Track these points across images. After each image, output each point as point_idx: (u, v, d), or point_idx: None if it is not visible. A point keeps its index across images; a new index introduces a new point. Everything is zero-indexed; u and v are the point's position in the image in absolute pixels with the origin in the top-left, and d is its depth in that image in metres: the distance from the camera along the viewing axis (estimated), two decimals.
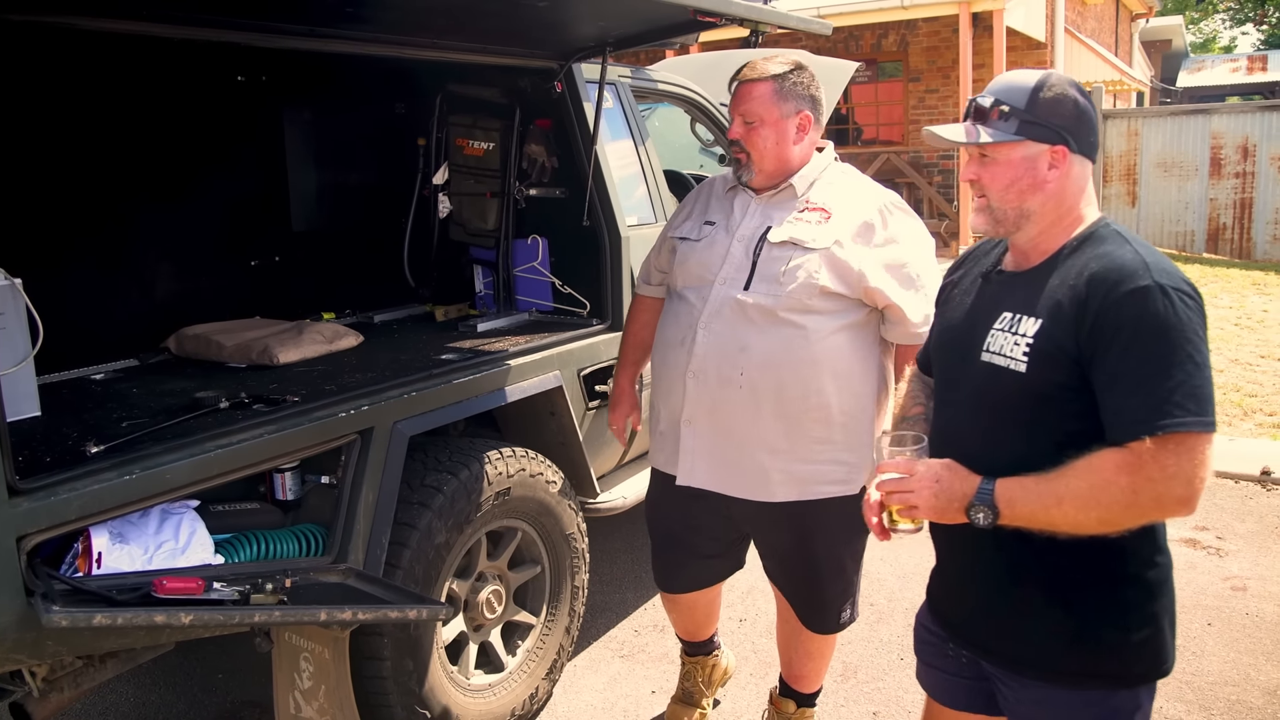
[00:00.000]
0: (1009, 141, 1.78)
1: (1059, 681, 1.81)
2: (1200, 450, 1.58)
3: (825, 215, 2.58)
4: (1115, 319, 1.63)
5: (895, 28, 14.47)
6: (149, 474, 2.15)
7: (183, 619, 2.08)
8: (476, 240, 3.92)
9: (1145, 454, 1.58)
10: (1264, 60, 24.62)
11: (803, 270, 2.53)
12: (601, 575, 4.28)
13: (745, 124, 2.62)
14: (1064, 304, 1.70)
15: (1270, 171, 13.50)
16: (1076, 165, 1.79)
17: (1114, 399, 1.63)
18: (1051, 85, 1.78)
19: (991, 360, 1.80)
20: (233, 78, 3.62)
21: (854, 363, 2.60)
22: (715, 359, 2.60)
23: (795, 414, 2.58)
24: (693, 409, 2.67)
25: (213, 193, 3.57)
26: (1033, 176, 1.78)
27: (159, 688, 3.51)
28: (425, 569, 2.78)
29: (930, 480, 1.76)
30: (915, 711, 3.28)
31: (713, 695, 3.28)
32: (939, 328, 2.05)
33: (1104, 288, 1.66)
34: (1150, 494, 1.59)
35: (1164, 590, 1.79)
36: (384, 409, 2.66)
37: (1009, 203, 1.80)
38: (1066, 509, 1.64)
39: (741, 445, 2.63)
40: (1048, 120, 1.76)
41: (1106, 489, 1.60)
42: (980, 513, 1.71)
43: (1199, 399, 1.58)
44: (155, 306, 3.43)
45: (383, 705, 2.75)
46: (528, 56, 3.56)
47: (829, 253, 2.52)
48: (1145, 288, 1.62)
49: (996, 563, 1.84)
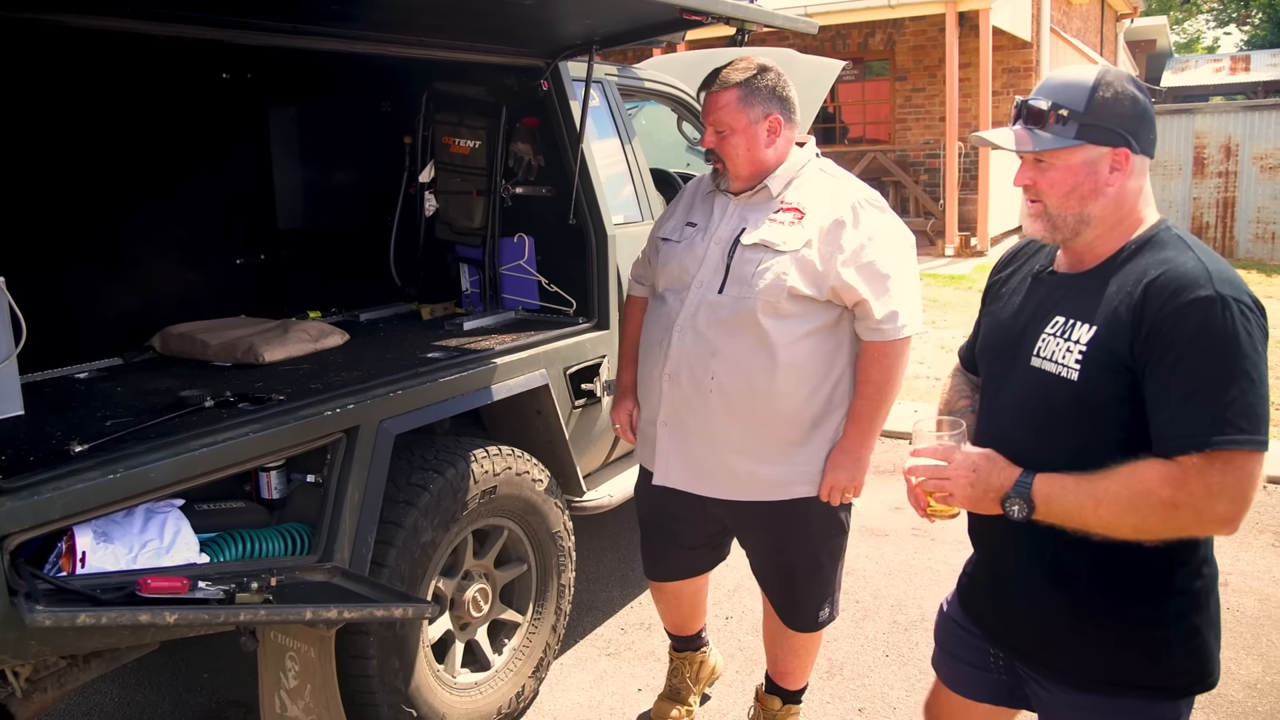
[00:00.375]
0: (1070, 146, 1.71)
1: (1100, 690, 1.79)
2: (1249, 469, 1.53)
3: (799, 215, 2.58)
4: (1173, 329, 1.57)
5: (882, 27, 14.50)
6: (133, 473, 2.14)
7: (167, 618, 2.07)
8: (463, 238, 3.92)
9: (1191, 469, 1.54)
10: (1247, 61, 24.76)
11: (771, 272, 2.53)
12: (588, 573, 4.28)
13: (716, 134, 2.63)
14: (1121, 312, 1.65)
15: (1252, 171, 13.60)
16: (1138, 166, 1.72)
17: (1165, 411, 1.58)
18: (1110, 83, 1.70)
19: (1042, 366, 1.75)
20: (218, 75, 3.60)
21: (824, 366, 2.61)
22: (688, 363, 2.62)
23: (764, 417, 2.60)
24: (668, 411, 2.70)
25: (198, 191, 3.56)
26: (1094, 181, 1.71)
27: (143, 688, 3.50)
28: (411, 567, 2.77)
29: (967, 469, 1.74)
30: (901, 708, 3.30)
31: (700, 693, 3.29)
32: (986, 326, 2.00)
33: (1163, 296, 1.60)
34: (1191, 509, 1.55)
35: (1209, 602, 1.76)
36: (370, 407, 2.66)
37: (1068, 209, 1.74)
38: (1103, 512, 1.61)
39: (713, 448, 2.66)
40: (1108, 121, 1.69)
41: (1146, 499, 1.57)
42: (1015, 505, 1.69)
43: (1253, 417, 1.53)
44: (140, 305, 3.42)
45: (369, 704, 2.74)
46: (514, 55, 3.55)
47: (799, 254, 2.53)
48: (1207, 298, 1.56)
49: (1041, 567, 1.81)
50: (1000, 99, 13.92)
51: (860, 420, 2.63)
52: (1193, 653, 1.75)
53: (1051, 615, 1.83)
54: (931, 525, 4.75)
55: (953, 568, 4.29)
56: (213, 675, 3.55)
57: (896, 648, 3.67)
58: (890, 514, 4.94)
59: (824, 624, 2.88)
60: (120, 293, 3.38)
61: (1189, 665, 1.76)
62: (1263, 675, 3.40)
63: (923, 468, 1.80)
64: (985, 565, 2.01)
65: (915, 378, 7.47)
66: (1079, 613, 1.79)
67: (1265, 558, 4.31)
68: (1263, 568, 4.21)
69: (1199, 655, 1.76)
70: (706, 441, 2.66)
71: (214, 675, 3.55)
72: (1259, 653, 3.55)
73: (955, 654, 2.10)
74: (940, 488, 1.77)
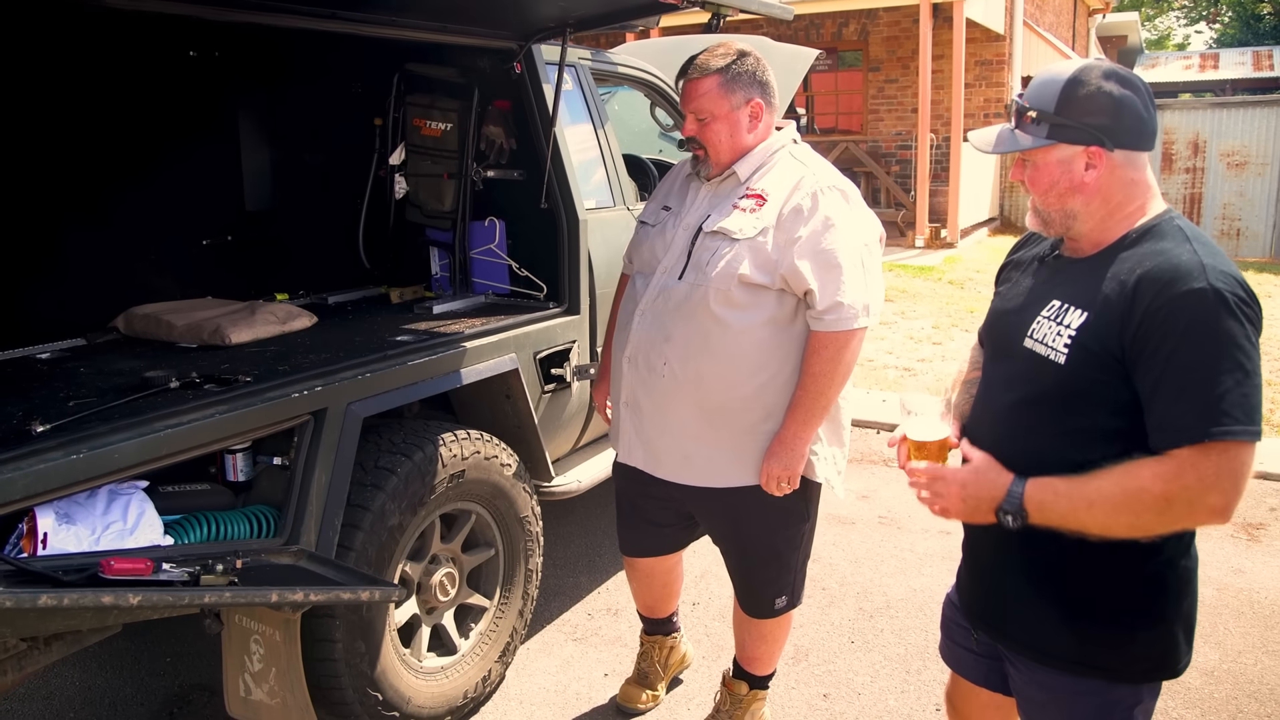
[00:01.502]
0: (1044, 146, 1.74)
1: (1061, 668, 1.82)
2: (1242, 460, 1.54)
3: (760, 202, 2.56)
4: (1165, 321, 1.58)
5: (856, 17, 14.52)
6: (96, 454, 2.12)
7: (131, 600, 2.05)
8: (433, 222, 3.89)
9: (1185, 462, 1.55)
10: (1216, 58, 25.00)
11: (724, 260, 2.53)
12: (555, 558, 4.28)
13: (698, 121, 2.61)
14: (1113, 300, 1.66)
15: (1219, 167, 13.80)
16: (1119, 162, 1.72)
17: (1159, 404, 1.59)
18: (1085, 81, 1.71)
19: (1034, 348, 1.77)
20: (185, 53, 3.55)
21: (778, 358, 2.59)
22: (645, 346, 2.65)
23: (716, 405, 2.61)
24: (628, 393, 2.74)
25: (163, 170, 3.51)
26: (1069, 179, 1.74)
27: (105, 671, 3.47)
28: (378, 551, 2.76)
29: (957, 487, 1.77)
30: (865, 694, 3.33)
31: (668, 679, 3.30)
32: (993, 306, 2.01)
33: (1155, 288, 1.60)
34: (1184, 501, 1.56)
35: (1183, 592, 1.78)
36: (338, 390, 2.64)
37: (1051, 205, 1.78)
38: (1096, 513, 1.63)
39: (667, 432, 2.69)
40: (1080, 120, 1.70)
41: (1140, 496, 1.58)
42: (1009, 516, 1.71)
43: (1246, 407, 1.53)
44: (104, 285, 3.37)
45: (334, 688, 2.73)
46: (487, 36, 3.53)
47: (753, 242, 2.52)
48: (1199, 290, 1.57)
49: (1015, 550, 1.83)
50: (973, 91, 14.00)
51: (797, 410, 2.59)
52: (1157, 640, 1.77)
53: (1022, 593, 1.87)
54: (898, 514, 4.80)
55: (918, 556, 4.34)
56: (175, 659, 3.53)
57: (861, 634, 3.70)
58: (857, 502, 4.97)
59: (780, 612, 2.89)
60: (83, 273, 3.33)
61: (1152, 652, 1.78)
62: (1220, 663, 3.46)
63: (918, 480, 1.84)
64: (967, 546, 2.05)
65: (884, 367, 7.52)
66: (1048, 593, 1.82)
67: (1224, 548, 4.38)
68: (1221, 558, 4.28)
69: (1163, 643, 1.78)
70: (660, 426, 2.69)
71: (177, 659, 3.53)
72: (1216, 640, 3.61)
73: (954, 639, 2.14)
74: (935, 503, 1.81)
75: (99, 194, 3.35)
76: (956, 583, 2.13)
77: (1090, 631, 1.79)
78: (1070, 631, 1.80)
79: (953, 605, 2.14)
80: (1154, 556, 1.73)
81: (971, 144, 1.88)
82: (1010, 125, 1.81)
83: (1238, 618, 3.78)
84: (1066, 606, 1.80)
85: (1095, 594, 1.78)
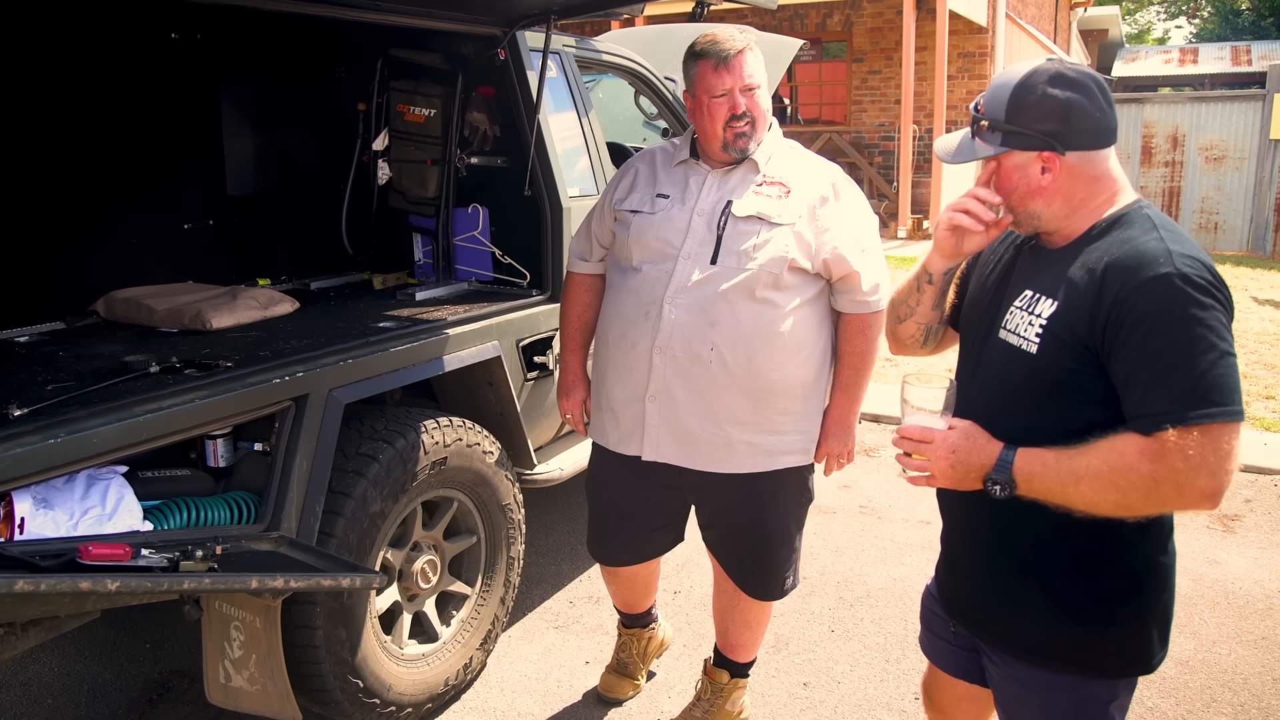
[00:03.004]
0: (998, 154, 1.76)
1: (1037, 663, 1.83)
2: (1226, 441, 1.53)
3: (785, 190, 2.60)
4: (1134, 309, 1.58)
5: (840, 8, 14.54)
6: (74, 438, 2.10)
7: (109, 586, 2.04)
8: (416, 208, 3.88)
9: (1170, 444, 1.53)
10: (1195, 53, 25.17)
11: (773, 245, 2.55)
12: (537, 546, 4.28)
13: (748, 90, 2.58)
14: (1081, 288, 1.67)
15: (1198, 161, 13.89)
16: (1074, 163, 1.72)
17: (1136, 391, 1.59)
18: (1033, 87, 1.71)
19: (1006, 338, 1.79)
20: (166, 35, 3.52)
21: (814, 336, 2.66)
22: (683, 334, 2.59)
23: (764, 388, 2.60)
24: (658, 385, 2.65)
25: (144, 153, 3.48)
26: (1027, 184, 1.75)
27: (84, 658, 3.45)
28: (360, 538, 2.76)
29: (946, 451, 1.73)
30: (845, 682, 3.35)
31: (647, 667, 3.31)
32: (969, 293, 2.01)
33: (1122, 275, 1.61)
34: (1172, 483, 1.54)
35: (1160, 588, 1.78)
36: (319, 376, 2.63)
37: (1015, 207, 1.79)
38: (1084, 489, 1.61)
39: (710, 419, 2.63)
40: (1030, 127, 1.71)
41: (1127, 474, 1.57)
42: (997, 485, 1.69)
43: (1223, 388, 1.53)
44: (83, 269, 3.34)
45: (315, 675, 2.73)
46: (471, 22, 3.51)
47: (795, 228, 2.56)
48: (1164, 275, 1.57)
49: (992, 541, 1.85)
50: (955, 83, 14.04)
51: (849, 389, 2.72)
52: (1132, 636, 1.78)
53: (997, 587, 1.87)
54: (878, 503, 4.83)
55: (898, 545, 4.36)
56: (155, 645, 3.51)
57: (842, 623, 3.72)
58: (838, 491, 4.99)
59: (788, 592, 2.91)
60: (63, 256, 3.30)
61: (1127, 648, 1.79)
62: (1194, 653, 3.50)
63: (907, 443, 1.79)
64: (946, 536, 2.05)
65: None
66: (1022, 587, 1.82)
67: (1200, 539, 4.43)
68: (1197, 549, 4.32)
69: (1138, 640, 1.78)
70: (703, 414, 2.63)
71: (156, 645, 3.51)
72: (1191, 630, 3.65)
73: (933, 630, 2.14)
74: (922, 467, 1.77)
75: (79, 177, 3.32)
76: (936, 575, 2.14)
77: (1066, 627, 1.79)
78: (1046, 627, 1.81)
79: (932, 596, 2.15)
80: (1132, 553, 1.74)
81: (935, 152, 1.90)
82: (969, 133, 1.82)
83: (1213, 608, 3.82)
84: (1042, 602, 1.80)
85: (1071, 590, 1.78)
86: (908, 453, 1.78)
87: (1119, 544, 1.72)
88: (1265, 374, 7.05)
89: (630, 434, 2.74)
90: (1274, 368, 7.21)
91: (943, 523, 2.04)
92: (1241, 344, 7.85)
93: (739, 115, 2.58)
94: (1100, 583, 1.76)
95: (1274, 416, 6.12)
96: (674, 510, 2.91)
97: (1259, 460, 5.35)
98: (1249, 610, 3.81)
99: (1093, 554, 1.74)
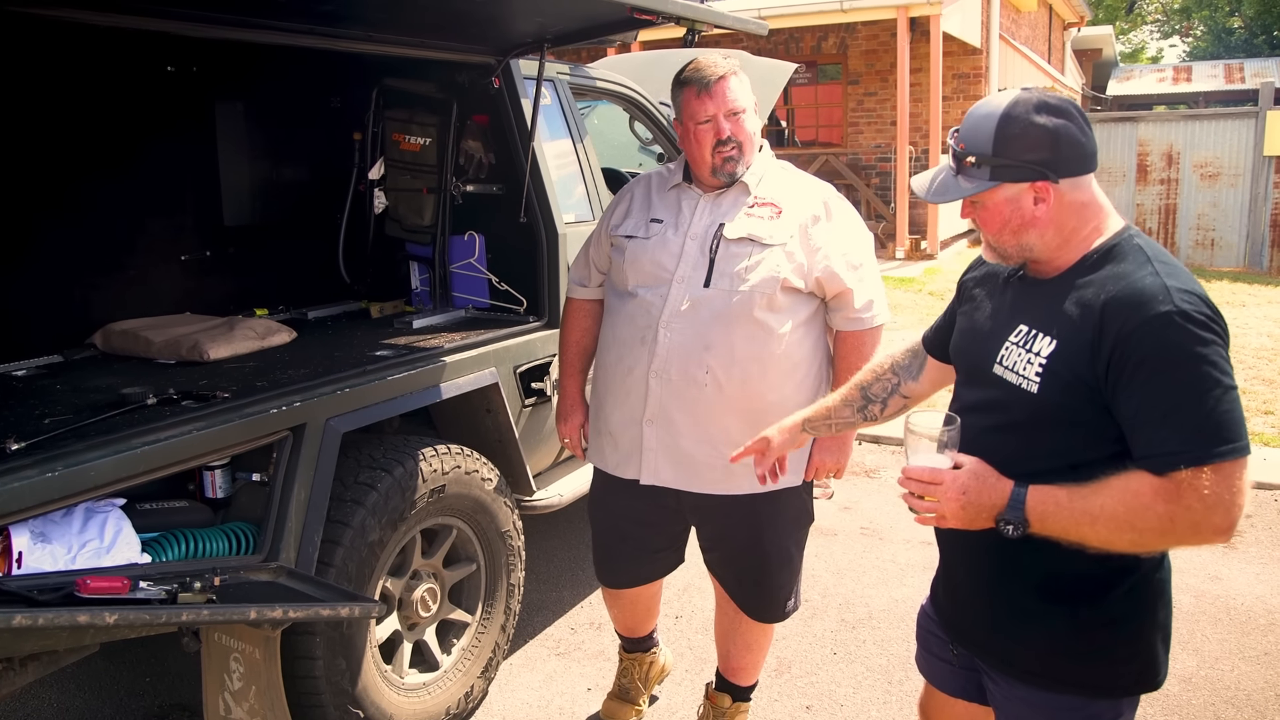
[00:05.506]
0: (988, 189, 1.73)
1: (1041, 685, 1.82)
2: (1238, 477, 1.53)
3: (776, 210, 2.63)
4: (1137, 348, 1.58)
5: (835, 30, 14.63)
6: (72, 471, 2.10)
7: (107, 619, 2.03)
8: (412, 236, 3.89)
9: (1185, 484, 1.53)
10: (1189, 71, 25.30)
11: (764, 266, 2.58)
12: (538, 573, 4.27)
13: (733, 115, 2.61)
14: (1080, 328, 1.66)
15: (1193, 178, 13.94)
16: (1067, 191, 1.72)
17: (1145, 430, 1.58)
18: (1018, 118, 1.70)
19: (1004, 375, 1.77)
20: (163, 68, 3.55)
21: (809, 356, 2.69)
22: (679, 358, 2.61)
23: (759, 409, 2.59)
24: (654, 409, 2.67)
25: (142, 186, 3.50)
26: (1020, 216, 1.73)
27: (83, 692, 3.43)
28: (359, 567, 2.75)
29: (957, 493, 1.69)
30: (848, 705, 3.33)
31: (649, 692, 3.30)
32: (960, 327, 2.00)
33: (1123, 315, 1.60)
34: (1188, 522, 1.54)
35: (1159, 605, 1.78)
36: (317, 405, 2.63)
37: (1005, 242, 1.77)
38: (1100, 529, 1.60)
39: (707, 442, 2.65)
40: (1020, 158, 1.70)
41: (1143, 514, 1.56)
42: (1010, 525, 1.66)
43: (1231, 424, 1.54)
44: (81, 301, 3.35)
45: (315, 705, 2.72)
46: (465, 51, 3.54)
47: (786, 248, 2.59)
48: (1165, 314, 1.57)
49: (993, 564, 1.84)
50: (950, 104, 14.11)
51: None
52: (1134, 656, 1.78)
53: (998, 610, 1.87)
54: (879, 525, 4.82)
55: (900, 566, 4.35)
56: (155, 679, 3.50)
57: (844, 646, 3.71)
58: (839, 513, 4.98)
59: (789, 614, 2.92)
60: (61, 289, 3.32)
61: (1130, 668, 1.79)
62: (1197, 669, 3.49)
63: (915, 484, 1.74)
64: (944, 559, 2.04)
65: None
66: (1023, 609, 1.82)
67: (1201, 555, 4.41)
68: (1198, 565, 4.31)
69: (1141, 658, 1.78)
70: (699, 436, 2.65)
71: (156, 679, 3.50)
72: (1194, 647, 3.64)
73: (930, 650, 2.13)
74: (932, 509, 1.73)
75: (76, 209, 3.34)
76: (932, 595, 2.13)
77: (1072, 650, 1.78)
78: (1052, 651, 1.80)
79: (928, 616, 2.14)
80: (1130, 573, 1.74)
81: (913, 190, 1.85)
82: (951, 168, 1.79)
83: (1215, 624, 3.81)
84: (1047, 626, 1.80)
85: (1073, 611, 1.77)
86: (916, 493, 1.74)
87: (1119, 565, 1.71)
88: (1264, 389, 7.05)
89: (629, 457, 2.75)
90: (1273, 383, 7.22)
91: (938, 544, 2.04)
92: (1240, 359, 7.86)
93: (724, 140, 2.60)
94: (1102, 604, 1.76)
95: (1273, 432, 6.12)
96: (675, 532, 2.92)
97: (1260, 476, 5.34)
98: (1251, 626, 3.80)
99: (1094, 577, 1.74)
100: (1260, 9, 28.99)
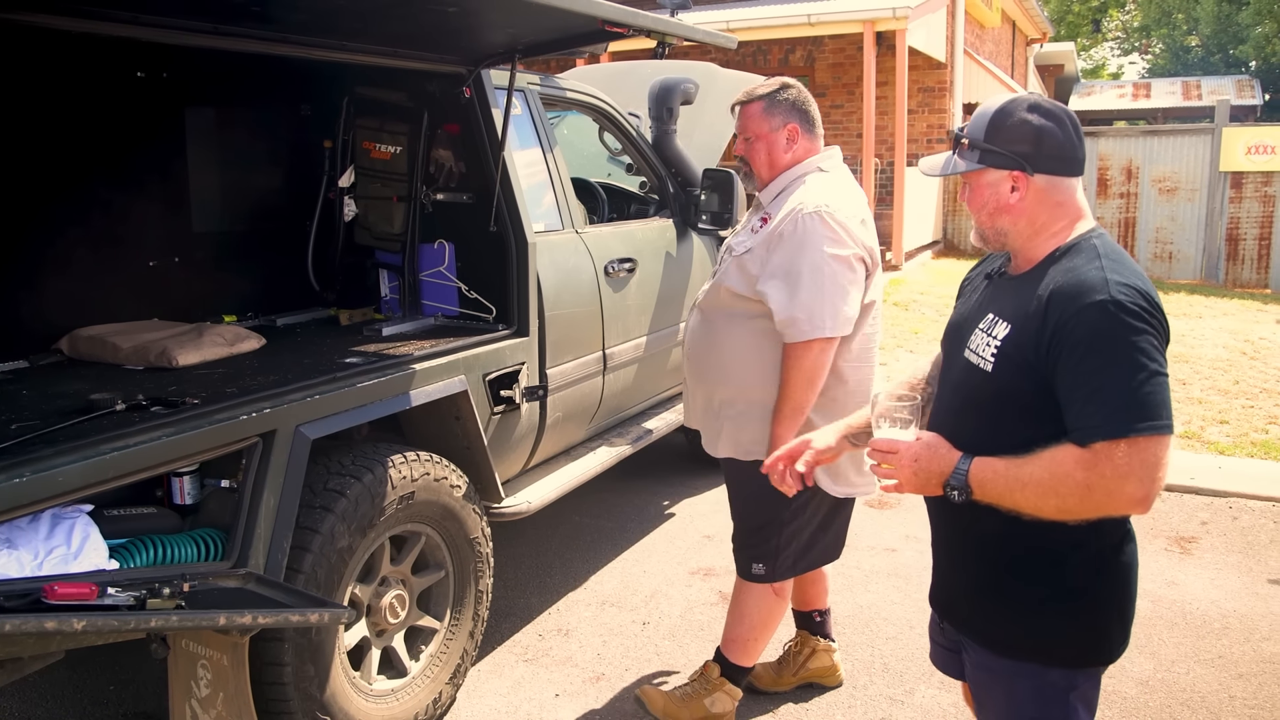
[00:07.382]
0: (976, 170, 1.92)
1: (1001, 650, 1.97)
2: (1154, 452, 1.67)
3: (764, 223, 2.91)
4: (1072, 333, 1.74)
5: (802, 44, 14.76)
6: (39, 477, 2.09)
7: (75, 625, 2.02)
8: (382, 244, 3.90)
9: (1102, 454, 1.68)
10: (1148, 87, 25.70)
11: (722, 272, 3.00)
12: (506, 580, 4.28)
13: (745, 140, 2.98)
14: (1030, 314, 1.82)
15: (1151, 193, 14.19)
16: (1041, 185, 1.89)
17: (1074, 406, 1.74)
18: (1011, 112, 1.89)
19: (969, 357, 1.95)
20: (132, 74, 3.54)
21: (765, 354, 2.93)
22: (687, 338, 3.19)
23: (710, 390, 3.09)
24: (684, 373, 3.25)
25: (110, 191, 3.49)
26: (998, 200, 1.91)
27: (46, 701, 3.40)
28: (327, 573, 2.76)
29: (909, 460, 1.87)
30: (814, 710, 3.36)
31: (798, 679, 3.46)
32: (949, 319, 2.19)
33: (1063, 303, 1.77)
34: (1103, 490, 1.69)
35: (1115, 585, 1.92)
36: (286, 412, 2.64)
37: (984, 224, 1.96)
38: (1029, 494, 1.76)
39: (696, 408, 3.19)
40: (1006, 147, 1.88)
41: (1065, 481, 1.72)
42: (955, 490, 1.84)
43: (1152, 404, 1.67)
44: (47, 306, 3.33)
45: (283, 712, 2.71)
46: (436, 61, 3.55)
47: (741, 258, 2.92)
48: (1099, 302, 1.72)
49: (960, 540, 2.03)
50: (916, 117, 14.28)
51: (777, 412, 2.93)
52: (1087, 627, 1.91)
53: (968, 579, 2.04)
54: None
55: (864, 573, 4.40)
56: (119, 687, 3.47)
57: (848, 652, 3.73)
58: None
59: (755, 577, 3.11)
60: (26, 294, 3.29)
61: (1083, 638, 1.92)
62: (1154, 673, 3.56)
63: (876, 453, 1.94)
64: (932, 539, 2.18)
65: None
66: (987, 579, 1.98)
67: (1159, 561, 4.50)
68: (1156, 570, 4.40)
69: (1094, 631, 1.92)
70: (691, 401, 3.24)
71: (120, 687, 3.47)
72: (1151, 651, 3.71)
73: (933, 639, 2.28)
74: (888, 475, 1.91)
75: (44, 214, 3.31)
76: None
77: (1025, 619, 1.93)
78: (1010, 619, 1.95)
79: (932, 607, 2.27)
80: (1082, 547, 1.87)
81: (920, 168, 2.08)
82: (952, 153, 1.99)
83: (1171, 628, 3.89)
84: (1004, 596, 1.96)
85: (1029, 581, 1.92)
86: (879, 463, 1.93)
87: (1071, 542, 1.86)
88: (1219, 399, 7.19)
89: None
90: (1227, 393, 7.36)
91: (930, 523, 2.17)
92: (1195, 370, 8.02)
93: (741, 158, 3.03)
94: (1055, 578, 1.90)
95: (1228, 441, 6.25)
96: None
97: (1214, 484, 5.45)
98: (1206, 630, 3.88)
99: (1048, 550, 1.88)
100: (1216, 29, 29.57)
